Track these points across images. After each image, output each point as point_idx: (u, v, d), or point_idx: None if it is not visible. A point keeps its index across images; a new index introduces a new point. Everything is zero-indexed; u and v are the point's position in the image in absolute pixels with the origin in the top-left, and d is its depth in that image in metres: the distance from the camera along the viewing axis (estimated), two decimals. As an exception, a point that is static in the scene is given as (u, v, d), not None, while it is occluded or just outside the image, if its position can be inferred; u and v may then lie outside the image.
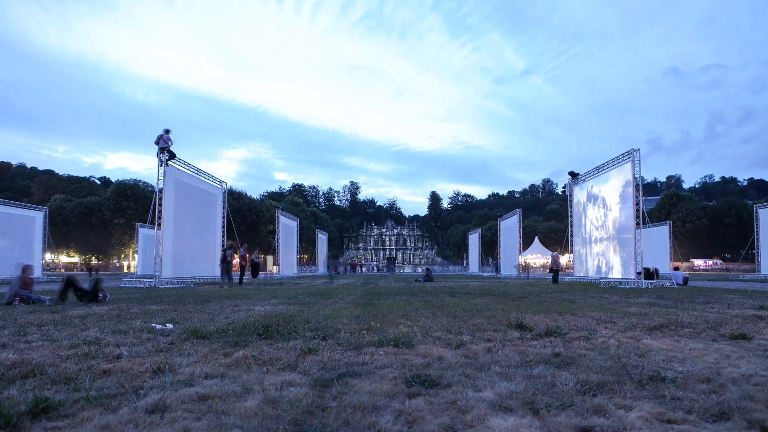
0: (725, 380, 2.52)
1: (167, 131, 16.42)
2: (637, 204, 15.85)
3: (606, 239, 18.44)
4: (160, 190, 16.13)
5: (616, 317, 5.75)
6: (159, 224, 16.00)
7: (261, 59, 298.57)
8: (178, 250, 17.49)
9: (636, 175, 16.01)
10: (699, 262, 56.80)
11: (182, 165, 17.97)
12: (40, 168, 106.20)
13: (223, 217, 22.06)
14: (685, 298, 9.05)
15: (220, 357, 3.26)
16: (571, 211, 22.66)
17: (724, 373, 2.69)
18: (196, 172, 19.34)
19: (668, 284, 15.31)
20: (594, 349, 3.54)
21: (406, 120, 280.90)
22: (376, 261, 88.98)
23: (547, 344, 3.80)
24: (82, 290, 8.08)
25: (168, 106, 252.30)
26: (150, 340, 4.02)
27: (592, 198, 19.75)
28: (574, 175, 21.98)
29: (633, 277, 15.77)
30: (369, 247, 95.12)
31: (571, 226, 22.42)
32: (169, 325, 5.03)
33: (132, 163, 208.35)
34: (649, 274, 16.20)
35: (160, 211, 16.00)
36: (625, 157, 16.55)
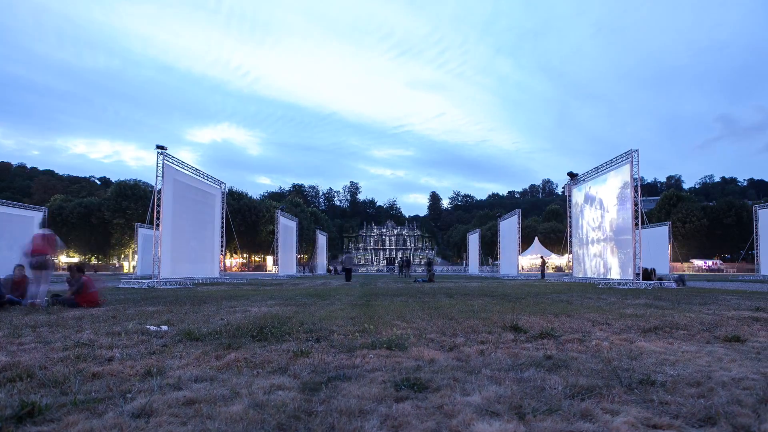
0: (715, 384, 2.52)
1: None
2: (636, 205, 15.85)
3: (604, 240, 18.43)
4: (159, 191, 16.13)
5: (612, 319, 5.74)
6: (157, 225, 16.00)
7: (234, 13, 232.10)
8: (176, 250, 17.49)
9: (635, 176, 16.01)
10: (699, 263, 56.77)
11: (181, 165, 17.98)
12: (41, 168, 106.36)
13: (222, 218, 22.07)
14: (683, 300, 9.04)
15: (212, 359, 3.26)
16: (569, 212, 22.66)
17: (714, 377, 2.69)
18: (194, 172, 19.35)
19: (666, 285, 15.30)
20: (587, 352, 3.54)
21: (413, 91, 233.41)
22: (376, 261, 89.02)
23: (540, 347, 3.79)
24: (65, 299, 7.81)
25: (114, 73, 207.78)
26: (143, 342, 4.02)
27: (591, 199, 19.74)
28: (572, 176, 21.98)
29: (632, 277, 15.76)
30: (369, 248, 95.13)
31: (570, 227, 22.41)
32: (164, 327, 5.03)
33: (87, 148, 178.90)
34: (647, 274, 16.19)
35: (158, 212, 16.00)
36: (624, 158, 16.54)
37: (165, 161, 16.37)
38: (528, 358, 3.29)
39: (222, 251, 22.71)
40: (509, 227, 31.46)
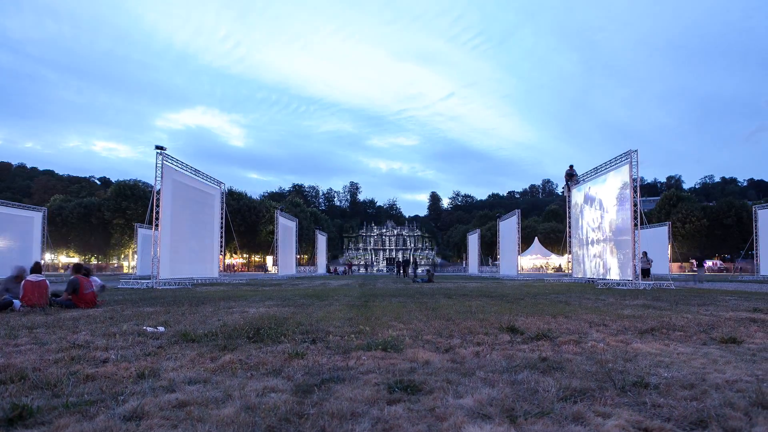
0: (709, 386, 2.51)
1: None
2: (635, 205, 15.84)
3: (604, 240, 18.43)
4: (158, 191, 16.13)
5: (609, 320, 5.74)
6: (156, 225, 16.00)
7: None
8: (175, 250, 17.49)
9: (634, 176, 16.00)
10: (699, 263, 56.72)
11: (180, 166, 17.98)
12: (41, 168, 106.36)
13: (222, 218, 22.08)
14: (681, 300, 9.03)
15: (207, 361, 3.26)
16: (569, 213, 22.65)
17: (708, 379, 2.69)
18: (194, 172, 19.35)
19: (665, 285, 15.29)
20: (582, 354, 3.54)
21: (419, 68, 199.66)
22: (376, 261, 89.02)
23: (535, 348, 3.79)
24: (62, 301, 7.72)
25: (62, 43, 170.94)
26: (139, 344, 4.01)
27: (590, 200, 19.74)
28: (571, 176, 21.98)
29: (631, 278, 15.76)
30: (369, 248, 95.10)
31: (569, 227, 22.41)
32: (161, 328, 5.03)
33: (54, 139, 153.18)
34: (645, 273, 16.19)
35: (157, 212, 16.01)
36: (623, 159, 16.54)
37: (164, 162, 16.38)
38: (523, 359, 3.29)
39: (221, 251, 22.71)
40: (509, 228, 31.44)
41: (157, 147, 16.23)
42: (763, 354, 3.52)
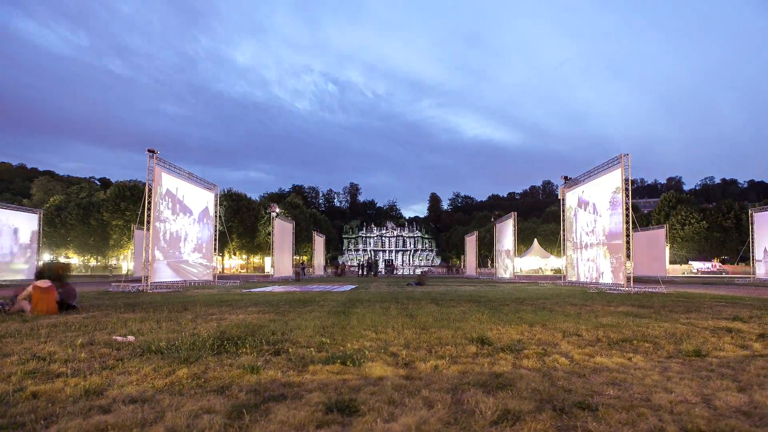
0: (650, 408, 2.50)
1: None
2: (627, 209, 15.80)
3: (597, 244, 18.38)
4: (150, 194, 16.13)
5: (585, 329, 5.71)
6: (148, 227, 16.01)
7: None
8: (168, 253, 17.50)
9: (627, 178, 15.96)
10: (698, 265, 56.53)
11: (173, 168, 18.00)
12: (41, 169, 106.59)
13: (216, 220, 22.09)
14: (666, 307, 9.00)
15: (160, 376, 3.24)
16: (563, 216, 22.61)
17: (653, 399, 2.67)
18: (188, 174, 19.37)
19: (657, 290, 15.24)
20: (539, 369, 3.52)
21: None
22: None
23: (496, 362, 3.77)
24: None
25: None
26: (102, 356, 4.00)
27: (584, 203, 19.70)
28: (567, 179, 21.95)
29: (622, 282, 15.72)
30: (369, 249, 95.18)
31: (564, 230, 22.36)
32: (131, 337, 5.02)
33: None
34: None
35: (149, 215, 16.01)
36: (615, 162, 16.51)
37: (156, 164, 16.39)
38: (476, 375, 3.27)
39: (216, 252, 22.71)
40: (505, 230, 31.40)
41: (149, 150, 16.24)
42: (722, 369, 3.50)
